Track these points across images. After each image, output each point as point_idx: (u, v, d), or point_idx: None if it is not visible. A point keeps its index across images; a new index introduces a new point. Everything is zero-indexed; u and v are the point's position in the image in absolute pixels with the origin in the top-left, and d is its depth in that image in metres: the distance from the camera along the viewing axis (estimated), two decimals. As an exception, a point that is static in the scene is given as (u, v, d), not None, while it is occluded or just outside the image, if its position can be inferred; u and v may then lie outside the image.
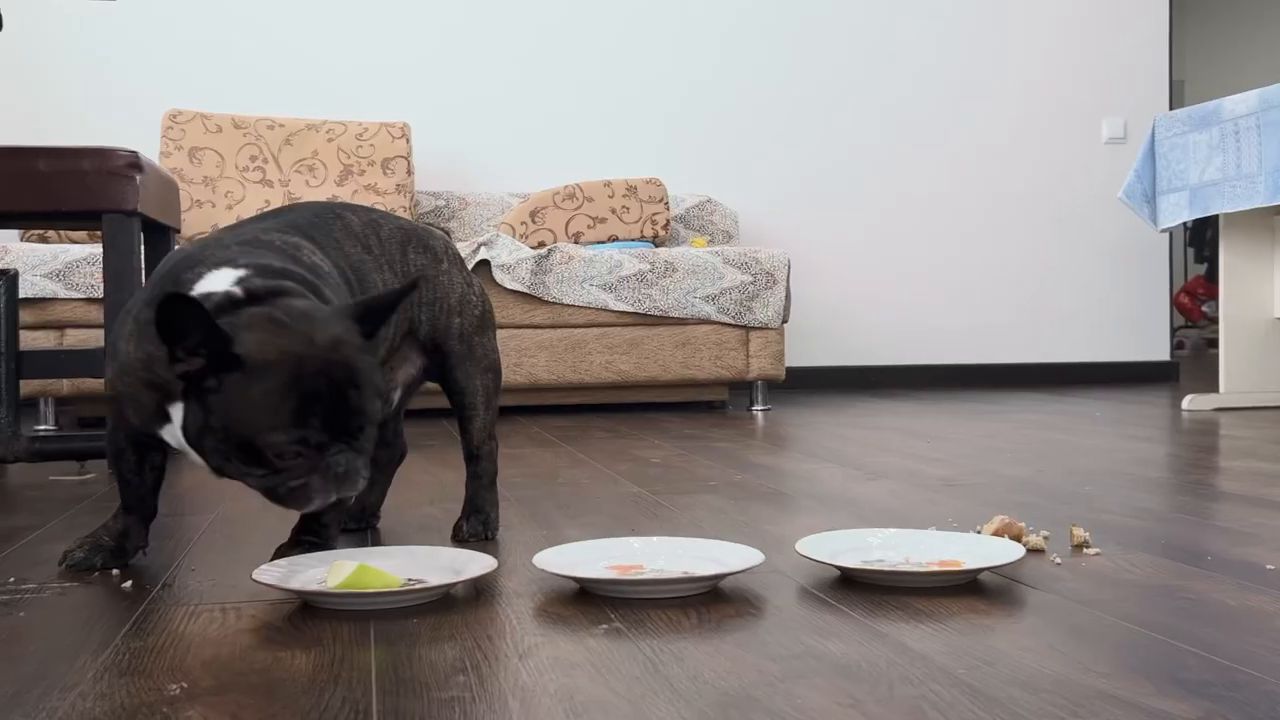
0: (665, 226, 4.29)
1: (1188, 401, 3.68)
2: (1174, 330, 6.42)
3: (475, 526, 1.60)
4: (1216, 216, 3.83)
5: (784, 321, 3.91)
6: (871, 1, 5.02)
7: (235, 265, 1.28)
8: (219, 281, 1.25)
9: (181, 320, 1.15)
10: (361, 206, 1.59)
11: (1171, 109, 5.10)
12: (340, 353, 1.21)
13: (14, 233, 4.20)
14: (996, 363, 5.12)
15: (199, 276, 1.27)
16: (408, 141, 4.29)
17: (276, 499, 1.23)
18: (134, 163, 2.46)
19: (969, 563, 1.33)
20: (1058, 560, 1.41)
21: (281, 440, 1.18)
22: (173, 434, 1.27)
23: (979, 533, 1.50)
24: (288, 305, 1.22)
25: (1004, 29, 5.14)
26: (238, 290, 1.23)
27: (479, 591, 1.30)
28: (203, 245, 1.35)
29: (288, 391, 1.17)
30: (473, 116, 4.72)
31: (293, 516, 1.43)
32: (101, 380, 3.13)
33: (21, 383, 3.28)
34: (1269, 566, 1.36)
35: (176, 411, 1.24)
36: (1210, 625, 1.11)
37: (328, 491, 1.22)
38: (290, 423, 1.17)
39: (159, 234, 2.86)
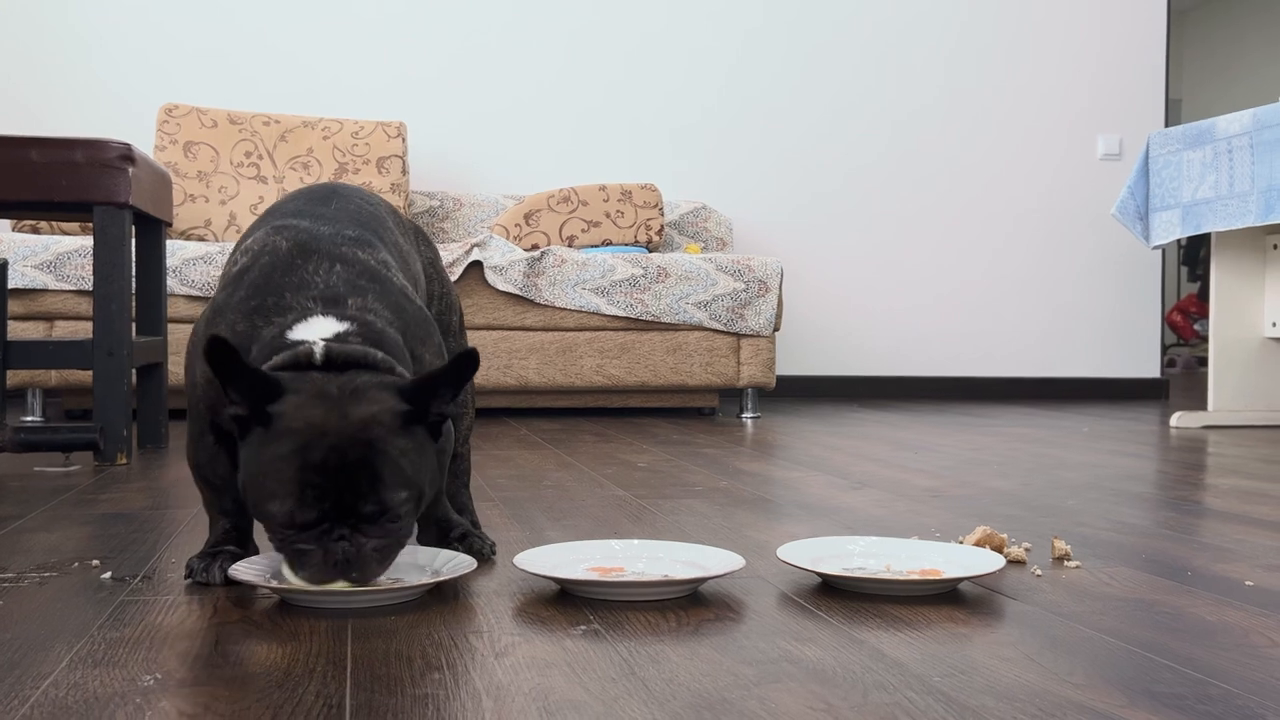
0: (659, 232, 4.29)
1: (1176, 419, 3.68)
2: (1165, 348, 6.43)
3: (479, 543, 1.49)
4: (1209, 235, 3.84)
5: (775, 330, 3.92)
6: (873, 21, 5.03)
7: (342, 318, 1.24)
8: (315, 331, 1.22)
9: (227, 366, 1.13)
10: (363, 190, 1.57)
11: (1167, 127, 5.11)
12: (367, 435, 1.14)
13: (5, 223, 4.19)
14: (987, 376, 5.13)
15: (301, 319, 1.23)
16: (403, 141, 4.29)
17: (286, 560, 1.18)
18: (127, 155, 2.46)
19: (949, 572, 1.33)
20: (1038, 572, 1.41)
21: (276, 509, 1.13)
22: None
23: (961, 543, 1.50)
24: (348, 380, 1.18)
25: (1001, 45, 5.15)
26: (318, 351, 1.19)
27: (458, 591, 1.30)
28: (303, 246, 1.30)
29: (295, 463, 1.12)
30: (469, 118, 4.72)
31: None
32: (89, 374, 3.13)
33: (9, 373, 3.28)
34: (1248, 583, 1.37)
35: None
36: (1187, 639, 1.11)
37: (325, 571, 1.15)
38: (289, 494, 1.13)
39: (150, 227, 2.86)
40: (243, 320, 1.26)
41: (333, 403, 1.15)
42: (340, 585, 1.17)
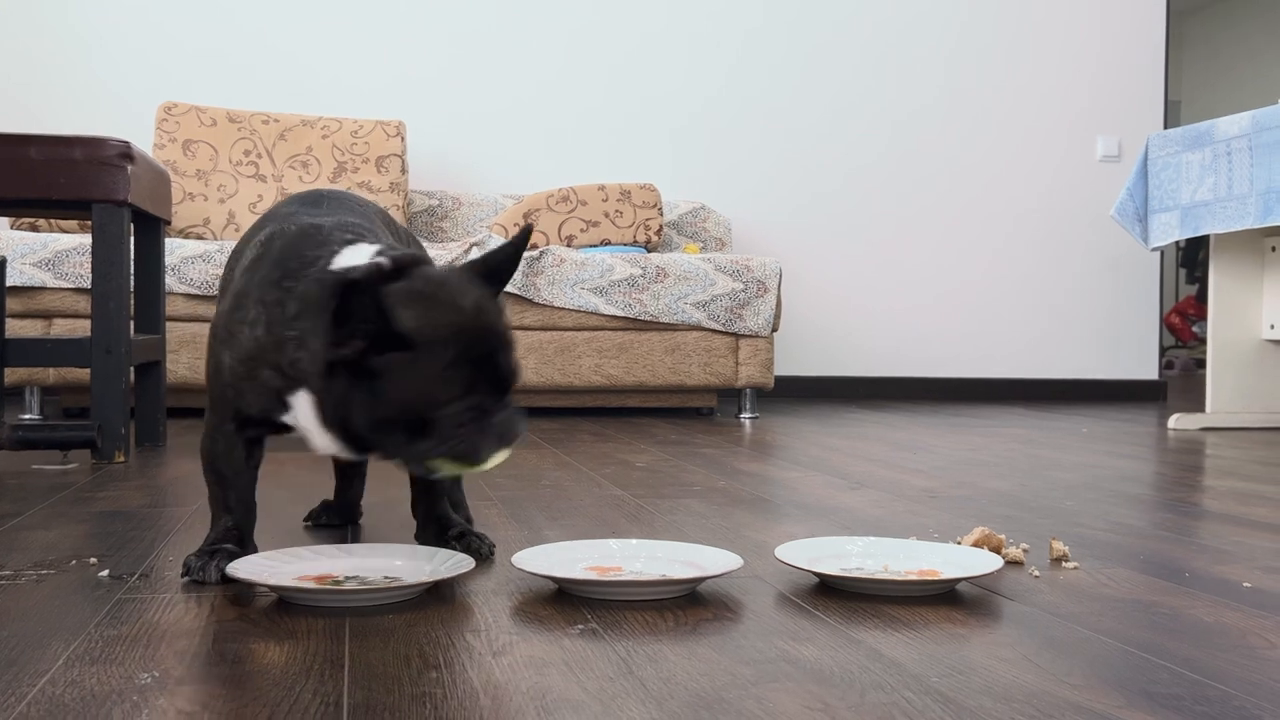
0: (658, 232, 4.29)
1: (1174, 420, 3.68)
2: (1163, 350, 6.44)
3: (477, 543, 1.48)
4: (1208, 237, 3.85)
5: (774, 330, 3.92)
6: (873, 21, 5.03)
7: (367, 240, 1.27)
8: (359, 256, 1.22)
9: (348, 303, 1.12)
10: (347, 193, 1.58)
11: (1166, 129, 5.11)
12: (487, 316, 1.19)
13: (4, 220, 4.19)
14: (985, 377, 5.13)
15: (334, 254, 1.24)
16: (403, 140, 4.29)
17: (450, 457, 1.19)
18: (125, 153, 2.46)
19: (947, 572, 1.33)
20: (1036, 573, 1.41)
21: (457, 410, 1.16)
22: (294, 417, 1.25)
23: (959, 544, 1.50)
24: (426, 275, 1.18)
25: (1001, 46, 5.15)
26: (385, 262, 1.16)
27: (456, 590, 1.30)
28: (313, 223, 1.32)
29: (458, 364, 1.15)
30: (469, 117, 4.72)
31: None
32: (87, 371, 3.13)
33: (7, 371, 3.28)
34: (1246, 584, 1.37)
35: (300, 397, 1.21)
36: (1184, 641, 1.11)
37: (494, 449, 1.20)
38: (462, 393, 1.16)
39: (149, 225, 2.86)
40: (272, 290, 1.24)
41: (444, 303, 1.16)
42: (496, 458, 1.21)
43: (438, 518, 1.50)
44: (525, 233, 1.27)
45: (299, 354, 1.19)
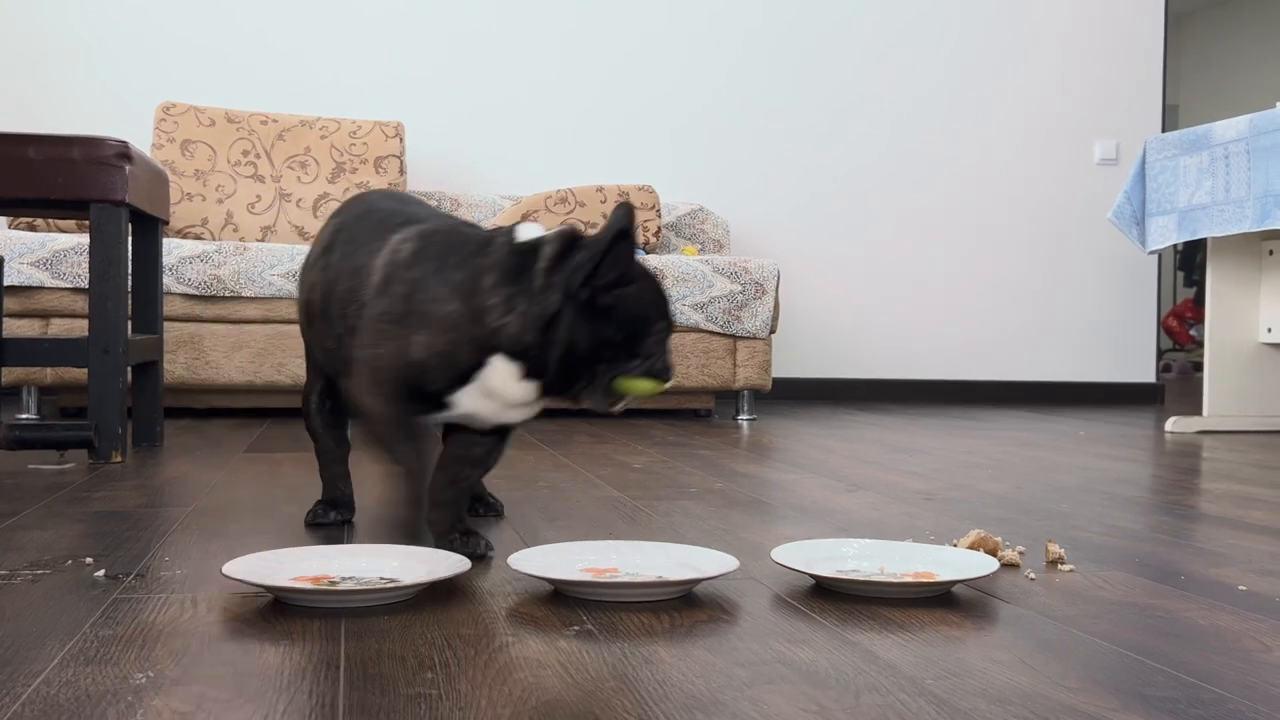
0: (656, 234, 4.29)
1: (1171, 423, 3.69)
2: (1161, 353, 6.44)
3: (475, 543, 1.51)
4: (1205, 240, 3.85)
5: (772, 332, 3.92)
6: (872, 23, 5.04)
7: (528, 220, 1.55)
8: (534, 230, 1.45)
9: (570, 253, 1.39)
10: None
11: (1164, 132, 5.12)
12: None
13: (1, 220, 4.19)
14: (982, 379, 5.13)
15: (512, 229, 1.45)
16: (401, 141, 4.29)
17: (648, 373, 1.42)
18: (123, 153, 2.46)
19: (943, 575, 1.33)
20: (1032, 575, 1.41)
21: (662, 327, 1.44)
22: (470, 391, 1.43)
23: (955, 546, 1.51)
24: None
25: (999, 49, 5.16)
26: (567, 229, 1.43)
27: (452, 591, 1.30)
28: (458, 219, 1.54)
29: (659, 291, 1.45)
30: (467, 118, 4.72)
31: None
32: (85, 371, 3.13)
33: (4, 370, 3.27)
34: (1241, 587, 1.37)
35: (493, 363, 1.41)
36: (1179, 643, 1.11)
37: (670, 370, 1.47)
38: (663, 315, 1.44)
39: (147, 225, 2.86)
40: (458, 270, 1.42)
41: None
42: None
43: (454, 501, 1.53)
44: (626, 212, 1.40)
45: (506, 318, 1.39)
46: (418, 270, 1.44)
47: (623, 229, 1.38)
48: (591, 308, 1.39)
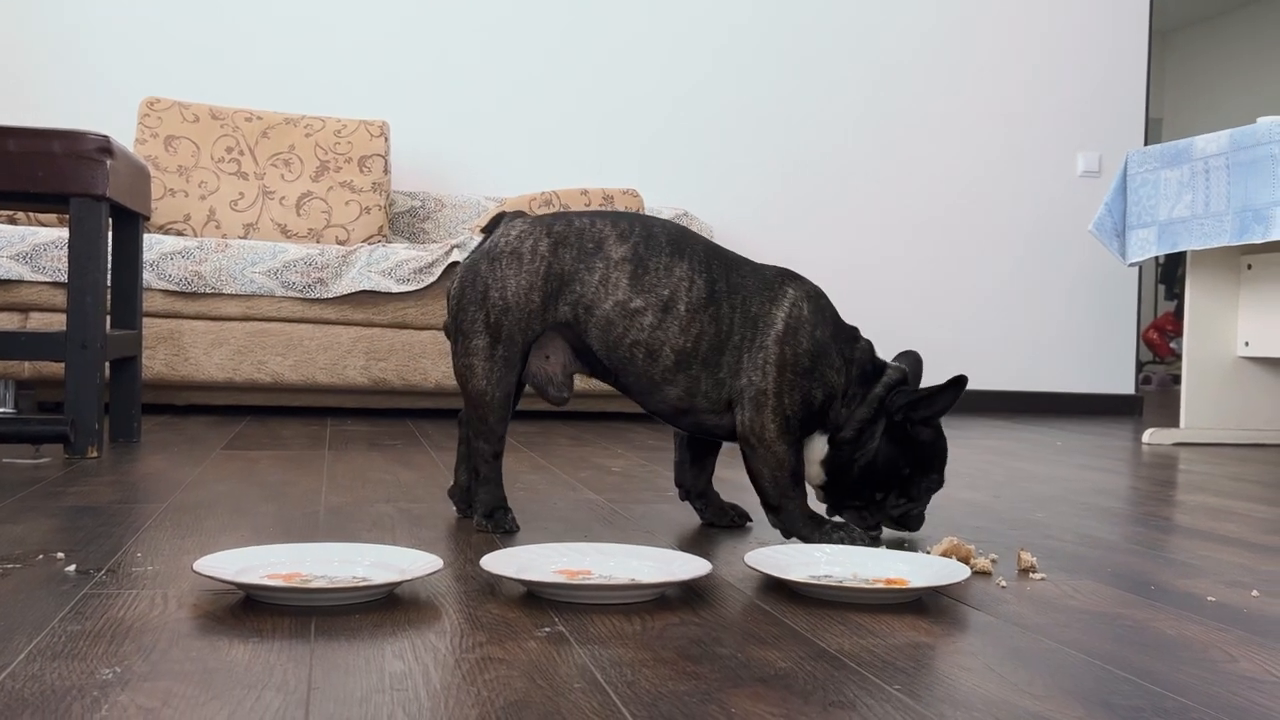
0: (640, 238, 4.29)
1: (1148, 435, 3.71)
2: (1140, 365, 6.47)
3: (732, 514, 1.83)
4: (1186, 253, 3.87)
5: (753, 338, 3.92)
6: (857, 32, 5.06)
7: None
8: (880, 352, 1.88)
9: (942, 393, 1.62)
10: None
11: (1147, 146, 5.15)
12: None
13: (-17, 213, 4.16)
14: (963, 389, 5.15)
15: (867, 342, 1.72)
16: (386, 140, 4.28)
17: (907, 515, 1.70)
18: (105, 147, 2.45)
19: (915, 581, 1.33)
20: (1003, 583, 1.42)
21: (937, 479, 1.70)
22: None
23: (928, 553, 1.51)
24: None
25: (983, 62, 5.18)
26: (901, 369, 1.72)
27: (424, 591, 1.30)
28: (820, 289, 1.68)
29: (946, 448, 1.69)
30: (453, 119, 4.72)
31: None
32: (62, 365, 3.11)
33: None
34: (1210, 599, 1.38)
35: (817, 438, 1.64)
36: (1147, 653, 1.12)
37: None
38: (942, 468, 1.71)
39: (128, 220, 2.85)
40: (840, 356, 1.64)
41: None
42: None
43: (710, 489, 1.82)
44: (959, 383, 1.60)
45: (845, 409, 1.60)
46: (823, 335, 1.61)
47: (963, 379, 1.57)
48: (898, 430, 1.59)
